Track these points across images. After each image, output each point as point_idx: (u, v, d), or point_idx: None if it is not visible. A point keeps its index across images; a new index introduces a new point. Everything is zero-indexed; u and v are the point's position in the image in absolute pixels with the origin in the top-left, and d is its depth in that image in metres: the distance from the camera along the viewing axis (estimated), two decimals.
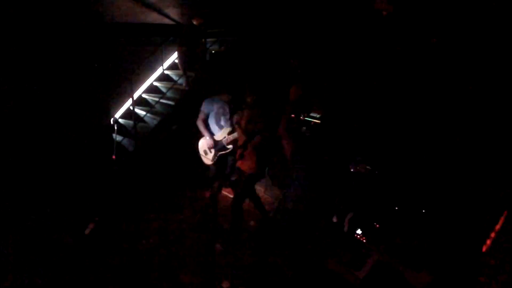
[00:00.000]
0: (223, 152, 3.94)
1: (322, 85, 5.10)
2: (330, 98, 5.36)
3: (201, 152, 4.03)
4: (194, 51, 5.03)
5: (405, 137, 4.04)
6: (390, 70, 4.46)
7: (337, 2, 4.01)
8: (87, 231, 3.29)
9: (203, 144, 3.99)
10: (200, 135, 3.97)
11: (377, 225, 2.62)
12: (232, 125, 3.95)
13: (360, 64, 4.81)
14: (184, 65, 5.20)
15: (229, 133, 3.91)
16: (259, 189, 4.71)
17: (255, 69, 4.98)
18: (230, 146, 3.89)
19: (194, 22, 4.99)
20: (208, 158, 3.97)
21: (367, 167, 3.92)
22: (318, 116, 5.43)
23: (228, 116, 3.96)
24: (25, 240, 3.17)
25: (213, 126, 3.93)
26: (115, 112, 5.35)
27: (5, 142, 3.96)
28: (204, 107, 3.87)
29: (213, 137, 3.91)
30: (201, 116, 3.88)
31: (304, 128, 4.44)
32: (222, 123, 3.95)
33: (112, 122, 3.46)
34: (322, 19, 4.47)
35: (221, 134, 3.93)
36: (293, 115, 4.91)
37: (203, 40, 5.34)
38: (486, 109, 3.10)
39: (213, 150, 3.90)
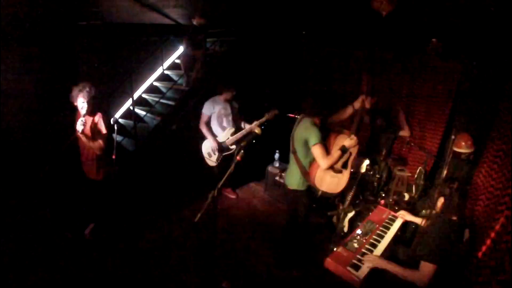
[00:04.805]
0: (227, 153, 3.94)
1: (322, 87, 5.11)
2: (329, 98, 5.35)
3: (205, 154, 4.01)
4: (195, 51, 5.03)
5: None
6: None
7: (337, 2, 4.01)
8: (87, 231, 3.29)
9: (207, 146, 3.97)
10: (204, 137, 3.96)
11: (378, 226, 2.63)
12: (234, 125, 3.95)
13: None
14: (186, 65, 5.20)
15: (232, 134, 3.90)
16: (259, 188, 4.71)
17: None
18: (234, 147, 3.89)
19: (194, 22, 4.99)
20: (212, 160, 3.96)
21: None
22: None
23: (230, 117, 3.94)
24: (25, 239, 3.17)
25: (216, 128, 3.91)
26: (115, 112, 5.35)
27: (4, 142, 3.95)
28: (206, 109, 3.85)
29: (216, 139, 3.90)
30: (203, 118, 3.86)
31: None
32: (225, 124, 3.93)
33: (112, 122, 3.45)
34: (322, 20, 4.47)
35: (224, 135, 3.92)
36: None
37: (203, 40, 5.33)
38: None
39: (217, 152, 3.89)
